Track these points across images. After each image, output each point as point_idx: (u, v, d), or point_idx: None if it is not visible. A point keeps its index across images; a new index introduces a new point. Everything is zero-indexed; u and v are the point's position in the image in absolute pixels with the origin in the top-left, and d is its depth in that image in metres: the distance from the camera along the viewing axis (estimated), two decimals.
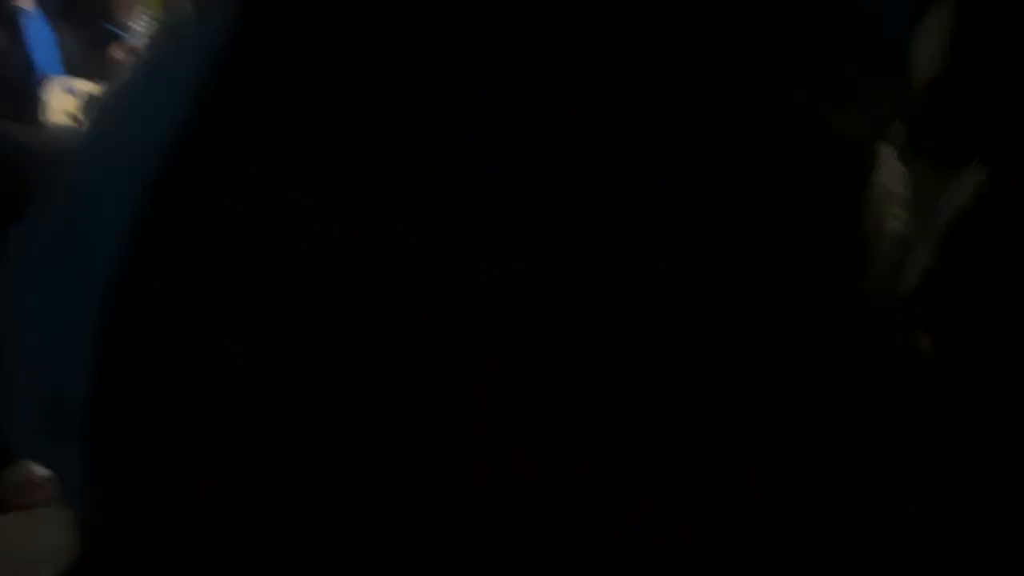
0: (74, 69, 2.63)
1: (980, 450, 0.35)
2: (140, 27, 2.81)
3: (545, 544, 0.35)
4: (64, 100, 2.57)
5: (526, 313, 0.34)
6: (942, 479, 0.35)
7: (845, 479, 0.34)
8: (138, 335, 0.36)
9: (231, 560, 0.35)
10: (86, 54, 2.72)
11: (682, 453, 0.34)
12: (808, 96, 0.34)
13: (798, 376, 0.35)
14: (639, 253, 0.35)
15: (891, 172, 0.37)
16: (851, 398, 0.35)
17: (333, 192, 0.34)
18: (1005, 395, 0.35)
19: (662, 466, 0.35)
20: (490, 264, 0.34)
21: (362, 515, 0.35)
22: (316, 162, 0.35)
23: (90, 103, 2.61)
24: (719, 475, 0.34)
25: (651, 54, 0.34)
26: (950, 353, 0.35)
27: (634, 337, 0.35)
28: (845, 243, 0.37)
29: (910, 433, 0.35)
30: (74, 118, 2.59)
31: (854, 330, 0.35)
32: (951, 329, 0.34)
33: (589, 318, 0.35)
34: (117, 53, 2.75)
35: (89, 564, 0.40)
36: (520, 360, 0.34)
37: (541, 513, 0.34)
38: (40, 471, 1.96)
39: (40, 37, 2.54)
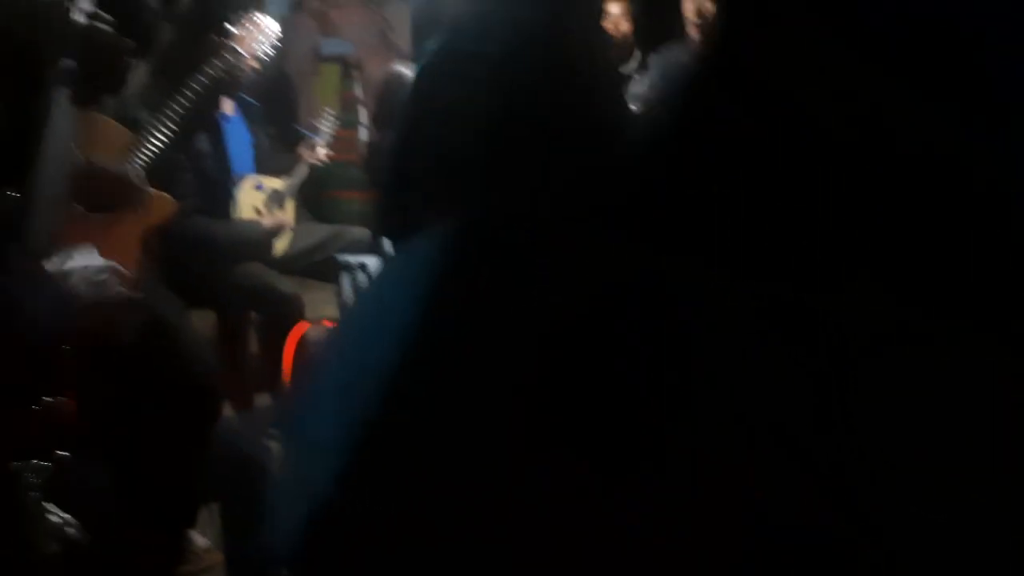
0: (264, 167, 2.90)
1: (980, 450, 0.34)
2: (325, 128, 3.08)
3: (545, 543, 0.36)
4: (253, 196, 2.83)
5: (527, 313, 0.36)
6: (942, 479, 0.34)
7: (845, 479, 0.34)
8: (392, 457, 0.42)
9: None
10: (276, 153, 2.99)
11: (682, 453, 0.35)
12: (809, 97, 0.35)
13: (798, 376, 0.35)
14: (639, 253, 0.36)
15: None
16: (851, 398, 0.35)
17: None
18: (1005, 394, 0.34)
19: (662, 466, 0.35)
20: (493, 268, 0.36)
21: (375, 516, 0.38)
22: None
23: (274, 198, 2.87)
24: (719, 475, 0.34)
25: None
26: (950, 352, 0.34)
27: (634, 337, 0.36)
28: None
29: (910, 433, 0.34)
30: (259, 212, 2.85)
31: (854, 330, 0.35)
32: None
33: (589, 318, 0.36)
34: (304, 152, 3.00)
35: None
36: (520, 360, 0.36)
37: (541, 512, 0.36)
38: (200, 541, 2.08)
39: (237, 138, 2.82)
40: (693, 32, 2.50)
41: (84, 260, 1.29)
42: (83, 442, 1.61)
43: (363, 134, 3.73)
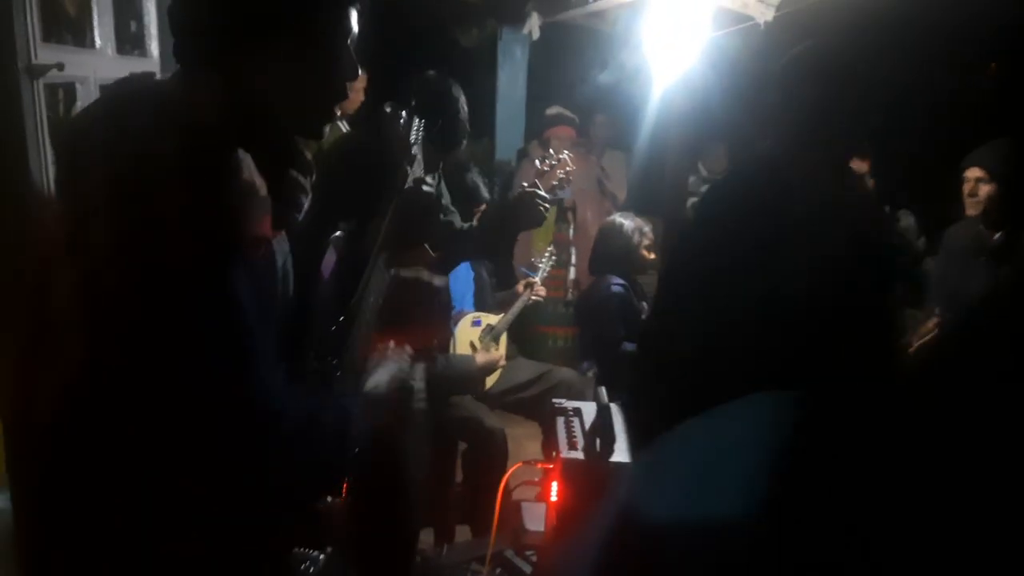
0: (482, 303, 3.03)
1: (981, 455, 0.35)
2: (543, 266, 3.19)
3: None
4: (470, 332, 2.95)
5: None
6: (941, 486, 0.35)
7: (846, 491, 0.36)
8: None
9: None
10: (495, 291, 3.12)
11: None
12: None
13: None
14: None
15: None
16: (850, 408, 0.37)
17: None
18: (1005, 403, 0.35)
19: None
20: None
21: None
22: None
23: (489, 333, 2.98)
24: None
25: None
26: (951, 366, 0.36)
27: None
28: None
29: (911, 447, 0.36)
30: (474, 347, 2.95)
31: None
32: None
33: None
34: (520, 289, 3.11)
35: None
36: None
37: None
38: None
39: (461, 276, 2.97)
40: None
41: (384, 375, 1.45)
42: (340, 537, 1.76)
43: (571, 273, 3.85)
